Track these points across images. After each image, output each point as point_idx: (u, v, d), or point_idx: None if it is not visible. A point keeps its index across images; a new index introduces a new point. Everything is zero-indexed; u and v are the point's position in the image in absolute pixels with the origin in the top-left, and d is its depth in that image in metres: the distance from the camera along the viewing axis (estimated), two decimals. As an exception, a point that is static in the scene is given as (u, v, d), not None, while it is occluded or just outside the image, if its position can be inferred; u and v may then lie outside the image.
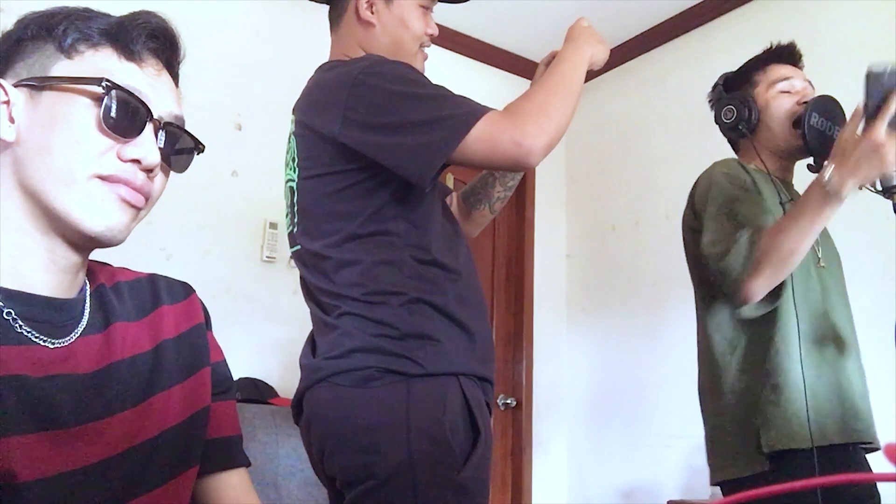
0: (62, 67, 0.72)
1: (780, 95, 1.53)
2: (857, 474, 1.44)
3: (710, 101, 1.66)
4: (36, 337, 0.70)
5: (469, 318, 1.15)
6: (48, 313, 0.72)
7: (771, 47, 1.61)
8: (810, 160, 1.56)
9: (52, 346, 0.71)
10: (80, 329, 0.75)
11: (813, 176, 1.58)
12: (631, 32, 3.12)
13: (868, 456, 1.46)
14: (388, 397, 1.06)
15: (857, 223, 2.16)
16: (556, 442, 3.20)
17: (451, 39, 3.10)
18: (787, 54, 1.60)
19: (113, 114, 0.70)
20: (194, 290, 0.91)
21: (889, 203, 1.24)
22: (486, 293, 3.20)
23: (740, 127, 1.52)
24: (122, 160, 0.71)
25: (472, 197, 1.48)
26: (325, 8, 1.37)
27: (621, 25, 3.06)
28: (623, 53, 3.18)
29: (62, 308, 0.73)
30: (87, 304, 0.78)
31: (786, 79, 1.54)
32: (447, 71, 3.01)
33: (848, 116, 1.39)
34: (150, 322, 0.83)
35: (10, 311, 0.69)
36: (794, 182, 1.61)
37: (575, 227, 3.40)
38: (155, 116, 0.74)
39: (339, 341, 1.11)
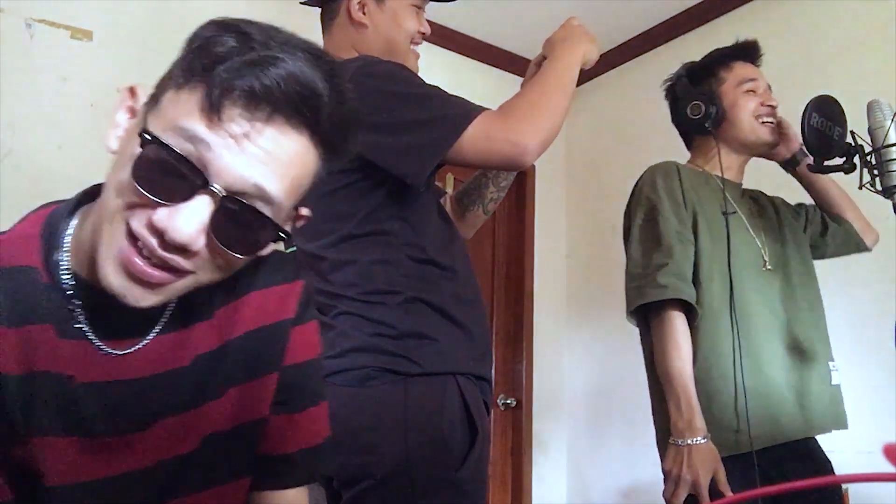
0: (167, 97, 0.63)
1: (747, 95, 1.55)
2: (857, 475, 1.44)
3: (666, 92, 1.67)
4: (94, 335, 0.66)
5: (466, 316, 1.15)
6: (117, 312, 0.64)
7: (736, 44, 1.63)
8: (803, 160, 1.58)
9: (109, 348, 0.67)
10: (155, 332, 0.70)
11: (813, 176, 1.58)
12: (630, 33, 3.12)
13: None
14: (386, 397, 1.06)
15: (857, 223, 2.16)
16: (556, 442, 3.20)
17: (449, 38, 3.10)
18: (750, 53, 1.62)
19: (144, 171, 0.60)
20: (300, 279, 0.80)
21: (889, 203, 1.24)
22: (486, 293, 3.20)
23: (706, 124, 1.54)
24: (154, 222, 0.60)
25: (466, 198, 1.48)
26: None
27: (621, 26, 3.06)
28: (623, 54, 3.18)
29: (134, 310, 0.65)
30: (173, 303, 0.71)
31: (752, 79, 1.57)
32: (446, 70, 3.01)
33: (848, 116, 1.40)
34: (226, 313, 0.74)
35: (77, 301, 0.65)
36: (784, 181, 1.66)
37: (575, 227, 3.40)
38: (214, 187, 0.60)
39: (336, 341, 1.11)
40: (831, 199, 1.65)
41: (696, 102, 1.55)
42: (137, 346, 0.69)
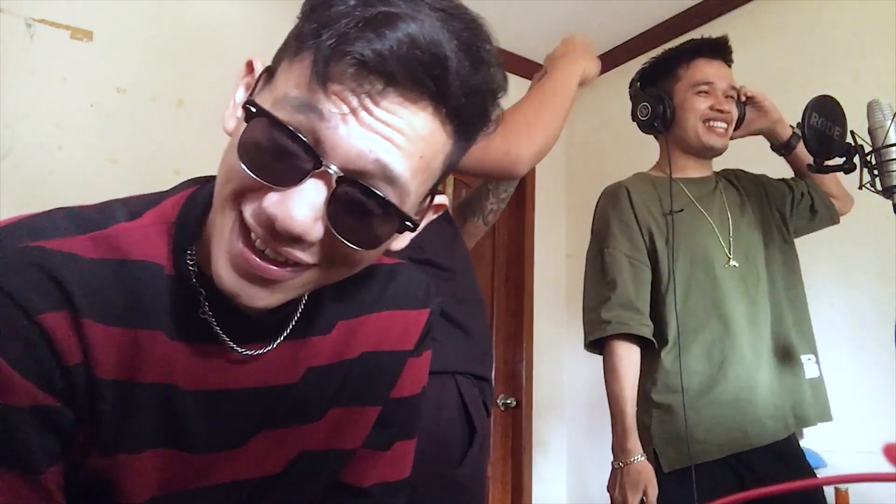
0: (281, 69, 0.56)
1: (698, 96, 1.52)
2: (857, 475, 1.44)
3: (630, 95, 1.66)
4: (224, 331, 0.59)
5: (466, 317, 1.15)
6: (239, 315, 0.58)
7: (701, 39, 1.58)
8: (797, 144, 1.58)
9: (237, 350, 0.60)
10: (280, 339, 0.63)
11: (813, 176, 1.58)
12: (631, 32, 3.12)
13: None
14: None
15: (857, 223, 2.16)
16: (556, 442, 3.20)
17: (451, 39, 3.10)
18: (716, 49, 1.57)
19: (251, 149, 0.52)
20: (432, 306, 0.74)
21: (889, 203, 1.24)
22: (486, 293, 3.19)
23: (655, 124, 1.54)
24: (264, 209, 0.52)
25: (466, 209, 1.49)
26: None
27: (621, 25, 3.06)
28: (623, 54, 3.18)
29: (256, 314, 0.60)
30: (302, 304, 0.64)
31: (708, 82, 1.52)
32: (447, 71, 3.00)
33: (848, 116, 1.39)
34: (347, 329, 0.68)
35: (203, 292, 0.58)
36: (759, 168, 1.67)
37: (575, 227, 3.40)
38: (329, 167, 0.51)
39: None
40: (827, 184, 1.64)
41: (644, 104, 1.56)
42: (262, 350, 0.62)
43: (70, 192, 2.07)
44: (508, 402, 3.13)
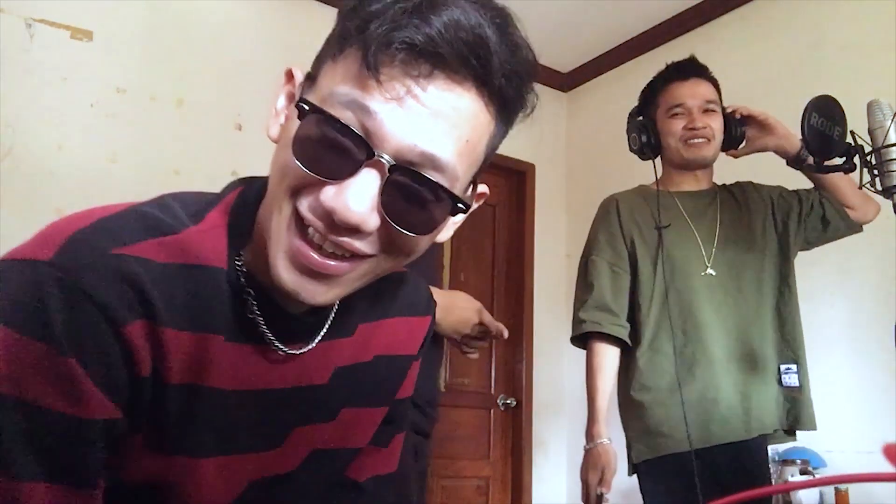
0: (324, 71, 0.57)
1: (673, 119, 1.61)
2: (857, 475, 1.44)
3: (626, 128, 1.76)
4: (268, 331, 0.60)
5: None
6: (284, 317, 0.61)
7: (668, 65, 1.69)
8: (808, 157, 1.57)
9: (282, 350, 0.62)
10: (318, 338, 0.65)
11: (829, 185, 1.57)
12: (631, 32, 3.12)
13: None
14: None
15: (857, 223, 2.17)
16: (556, 442, 3.20)
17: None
18: (684, 70, 1.66)
19: (304, 146, 0.54)
20: (434, 312, 0.79)
21: (889, 203, 1.24)
22: (486, 293, 3.19)
23: (645, 151, 1.65)
24: (322, 203, 0.54)
25: None
26: (326, 8, 1.38)
27: (621, 25, 3.06)
28: (623, 54, 3.18)
29: (299, 316, 0.62)
30: (336, 305, 0.66)
31: (678, 104, 1.61)
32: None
33: (848, 116, 1.39)
34: (366, 332, 0.71)
35: (251, 291, 0.59)
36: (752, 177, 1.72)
37: (575, 227, 3.40)
38: (381, 157, 0.53)
39: None
40: (843, 194, 1.64)
41: (633, 135, 1.68)
42: (303, 350, 0.64)
43: (70, 192, 2.07)
44: (508, 402, 3.13)
